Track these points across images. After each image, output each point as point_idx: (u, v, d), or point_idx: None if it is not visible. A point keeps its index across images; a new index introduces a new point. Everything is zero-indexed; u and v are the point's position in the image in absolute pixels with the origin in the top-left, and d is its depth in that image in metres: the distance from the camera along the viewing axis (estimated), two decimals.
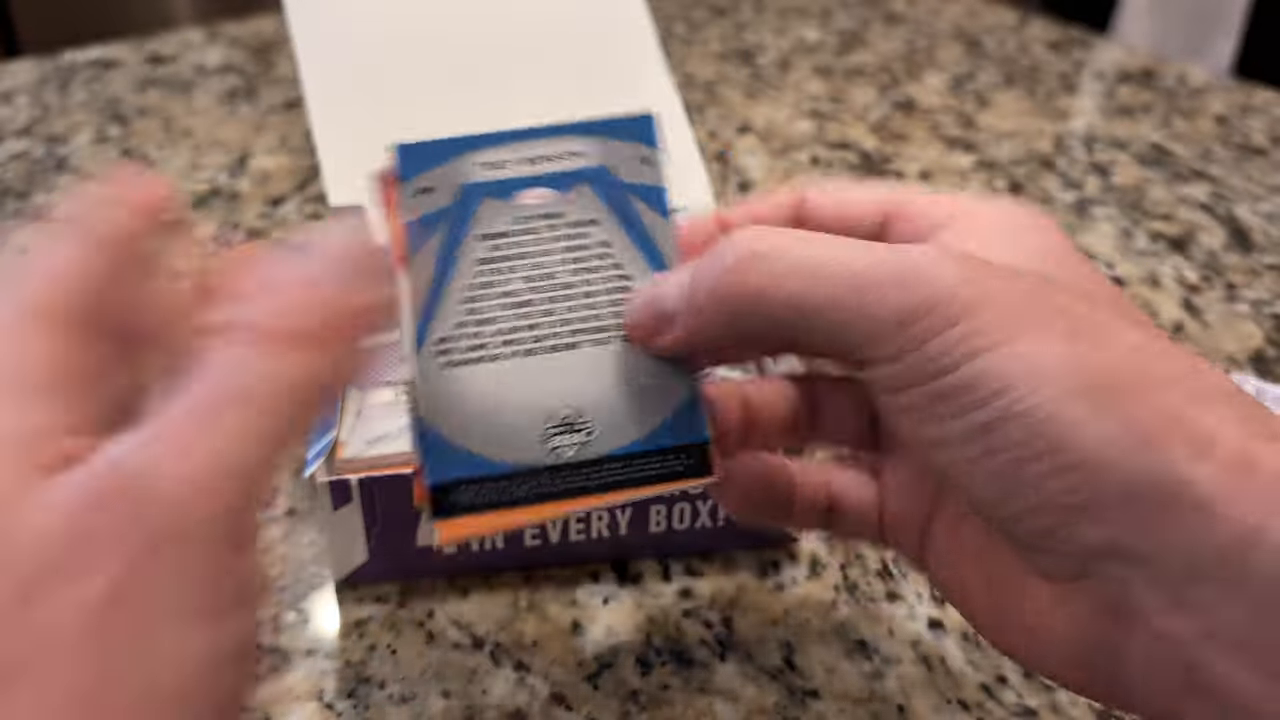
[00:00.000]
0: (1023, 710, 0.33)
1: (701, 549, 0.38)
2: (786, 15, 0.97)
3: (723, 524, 0.38)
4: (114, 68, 0.81)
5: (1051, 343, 0.21)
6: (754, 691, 0.34)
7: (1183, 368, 0.21)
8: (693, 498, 0.37)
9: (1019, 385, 0.20)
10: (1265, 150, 0.72)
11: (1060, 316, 0.21)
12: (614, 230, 0.27)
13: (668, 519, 0.37)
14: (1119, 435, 0.20)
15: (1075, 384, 0.20)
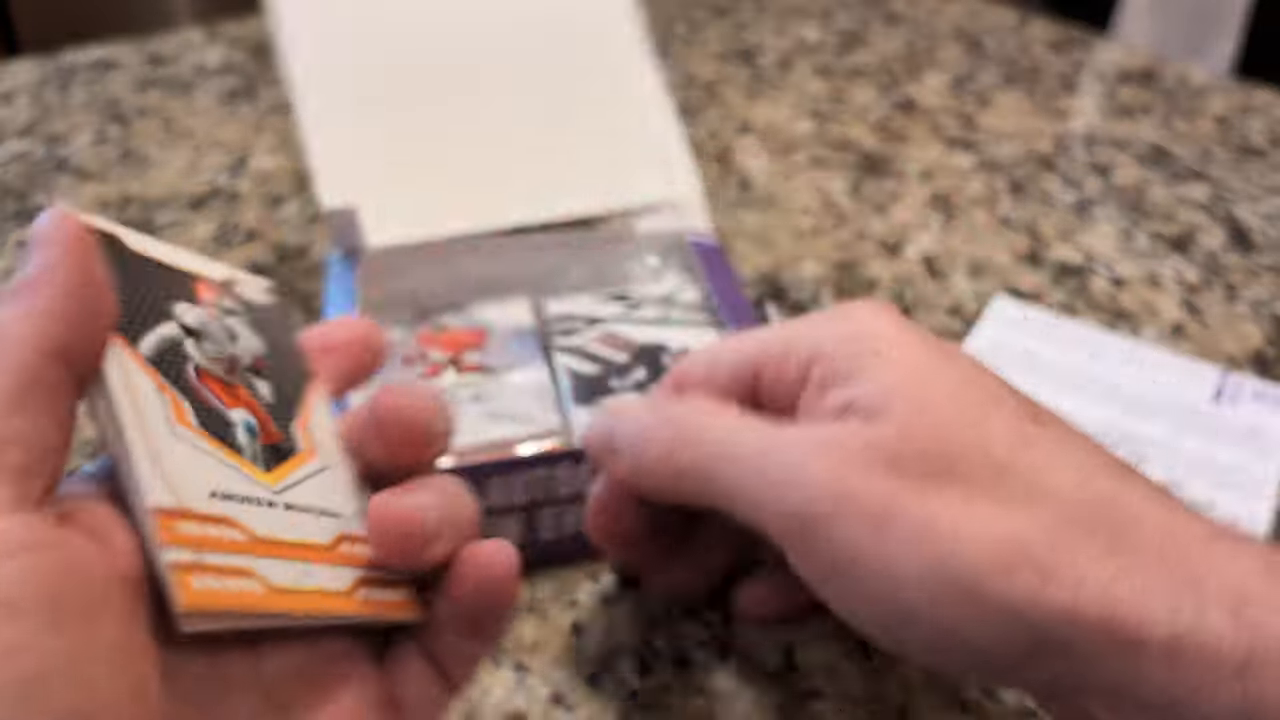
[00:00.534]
0: (1023, 711, 0.33)
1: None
2: (786, 15, 0.97)
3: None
4: (114, 68, 0.81)
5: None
6: (754, 692, 0.34)
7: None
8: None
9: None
10: (1265, 151, 0.72)
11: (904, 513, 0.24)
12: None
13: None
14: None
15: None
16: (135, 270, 0.26)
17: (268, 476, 0.26)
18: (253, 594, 0.23)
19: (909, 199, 0.65)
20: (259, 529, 0.24)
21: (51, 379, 0.21)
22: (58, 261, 0.21)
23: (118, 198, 0.63)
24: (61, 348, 0.21)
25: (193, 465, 0.24)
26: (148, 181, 0.65)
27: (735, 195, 0.65)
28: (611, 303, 0.47)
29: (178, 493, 0.23)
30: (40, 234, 0.22)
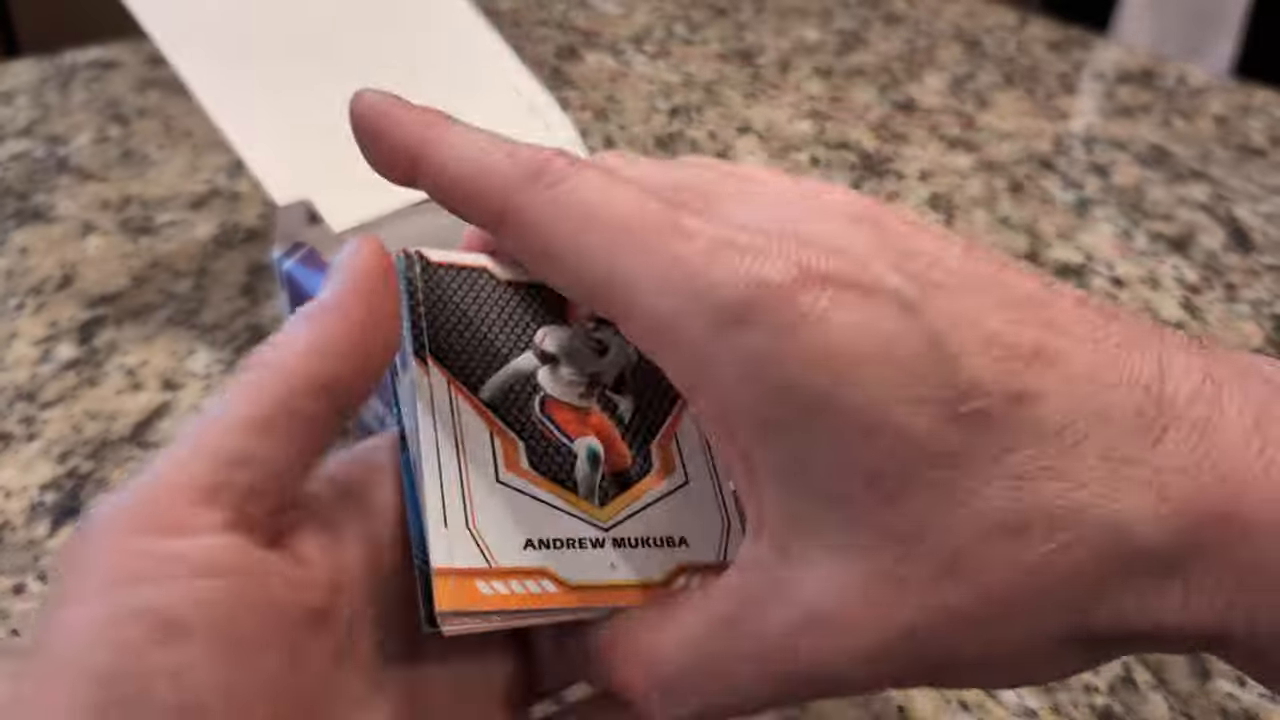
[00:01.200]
0: (1023, 711, 0.33)
1: None
2: (786, 15, 0.97)
3: None
4: (114, 68, 0.81)
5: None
6: None
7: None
8: None
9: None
10: (1265, 150, 0.72)
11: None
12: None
13: None
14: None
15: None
16: (499, 300, 0.26)
17: (603, 512, 0.25)
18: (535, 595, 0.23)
19: (909, 199, 0.65)
20: (574, 577, 0.24)
21: (307, 411, 0.21)
22: (342, 296, 0.22)
23: (118, 198, 0.63)
24: (326, 383, 0.21)
25: (511, 516, 0.24)
26: (148, 181, 0.65)
27: None
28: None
29: (489, 549, 0.23)
30: (338, 264, 0.23)
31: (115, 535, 0.19)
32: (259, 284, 0.54)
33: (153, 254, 0.57)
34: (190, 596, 0.18)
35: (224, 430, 0.20)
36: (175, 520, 0.19)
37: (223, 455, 0.19)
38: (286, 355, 0.21)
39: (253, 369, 0.21)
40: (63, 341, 0.50)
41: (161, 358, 0.49)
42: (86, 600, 0.18)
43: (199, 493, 0.19)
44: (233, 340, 0.50)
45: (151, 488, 0.19)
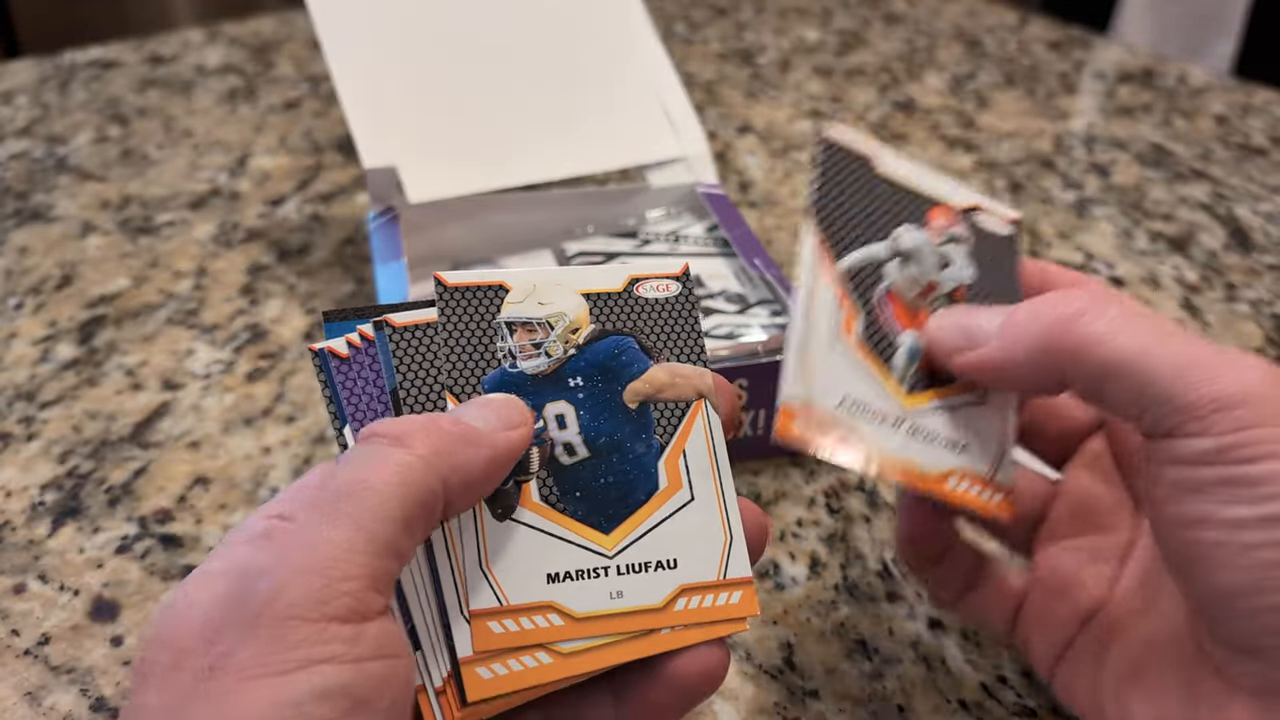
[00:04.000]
0: (1023, 710, 0.33)
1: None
2: (786, 15, 0.97)
3: None
4: (114, 68, 0.81)
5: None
6: (754, 691, 0.34)
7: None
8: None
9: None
10: (1265, 150, 0.72)
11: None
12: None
13: None
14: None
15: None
16: (874, 191, 0.30)
17: (909, 399, 0.29)
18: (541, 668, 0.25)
19: None
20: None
21: (434, 520, 0.23)
22: (494, 438, 0.24)
23: (118, 197, 0.63)
24: (451, 502, 0.23)
25: (836, 371, 0.28)
26: (148, 181, 0.65)
27: (735, 195, 0.65)
28: (623, 239, 0.51)
29: (810, 391, 0.27)
30: (495, 402, 0.25)
31: (299, 616, 0.20)
32: (259, 284, 0.54)
33: (153, 254, 0.57)
34: (374, 676, 0.20)
35: (384, 523, 0.21)
36: (354, 606, 0.20)
37: (384, 546, 0.21)
38: (436, 461, 0.23)
39: (404, 451, 0.22)
40: (62, 341, 0.50)
41: (161, 358, 0.49)
42: (271, 679, 0.19)
43: (370, 580, 0.21)
44: (232, 340, 0.50)
45: (328, 574, 0.20)
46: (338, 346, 0.26)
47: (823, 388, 0.27)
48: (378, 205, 0.49)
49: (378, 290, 0.44)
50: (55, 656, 0.34)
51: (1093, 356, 0.25)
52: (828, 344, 0.28)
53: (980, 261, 0.31)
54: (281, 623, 0.20)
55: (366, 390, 0.26)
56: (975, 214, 0.31)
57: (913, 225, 0.30)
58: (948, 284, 0.30)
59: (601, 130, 0.54)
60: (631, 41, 0.56)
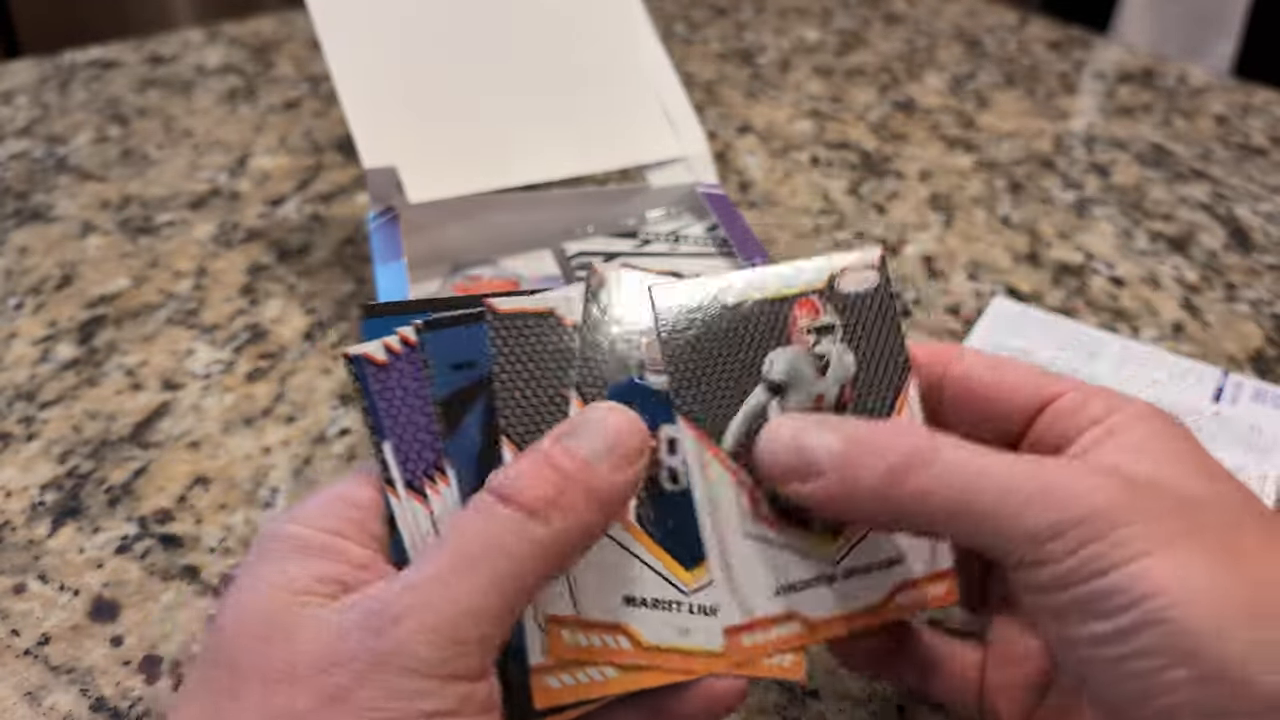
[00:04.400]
0: None
1: None
2: (786, 15, 0.97)
3: None
4: (114, 68, 0.81)
5: (1198, 558, 0.22)
6: (754, 691, 0.34)
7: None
8: None
9: (1165, 593, 0.21)
10: (1265, 150, 0.72)
11: (1207, 535, 0.22)
12: None
13: None
14: (1266, 655, 0.21)
15: (1221, 599, 0.21)
16: (726, 334, 0.26)
17: (831, 544, 0.26)
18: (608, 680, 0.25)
19: (909, 199, 0.65)
20: (816, 614, 0.26)
21: (528, 597, 0.23)
22: (616, 476, 0.24)
23: (118, 198, 0.63)
24: (579, 552, 0.24)
25: (763, 564, 0.26)
26: (148, 181, 0.65)
27: (735, 195, 0.65)
28: (623, 239, 0.51)
29: (746, 603, 0.25)
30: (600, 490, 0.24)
31: (422, 670, 0.21)
32: (259, 284, 0.54)
33: (153, 254, 0.57)
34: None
35: (516, 593, 0.22)
36: (472, 666, 0.22)
37: (509, 615, 0.22)
38: (570, 536, 0.23)
39: (539, 524, 0.23)
40: (62, 341, 0.50)
41: (161, 357, 0.49)
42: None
43: (482, 645, 0.22)
44: (232, 340, 0.50)
45: (457, 637, 0.22)
46: (374, 352, 0.25)
47: (754, 590, 0.26)
48: (378, 205, 0.49)
49: (378, 290, 0.44)
50: (55, 656, 0.34)
51: (930, 504, 0.24)
52: (744, 539, 0.26)
53: (857, 339, 0.27)
54: (405, 674, 0.21)
55: (407, 401, 0.25)
56: (836, 283, 0.28)
57: (777, 345, 0.27)
58: (832, 389, 0.27)
59: (601, 130, 0.54)
60: (631, 41, 0.56)
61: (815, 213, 0.63)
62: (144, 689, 0.34)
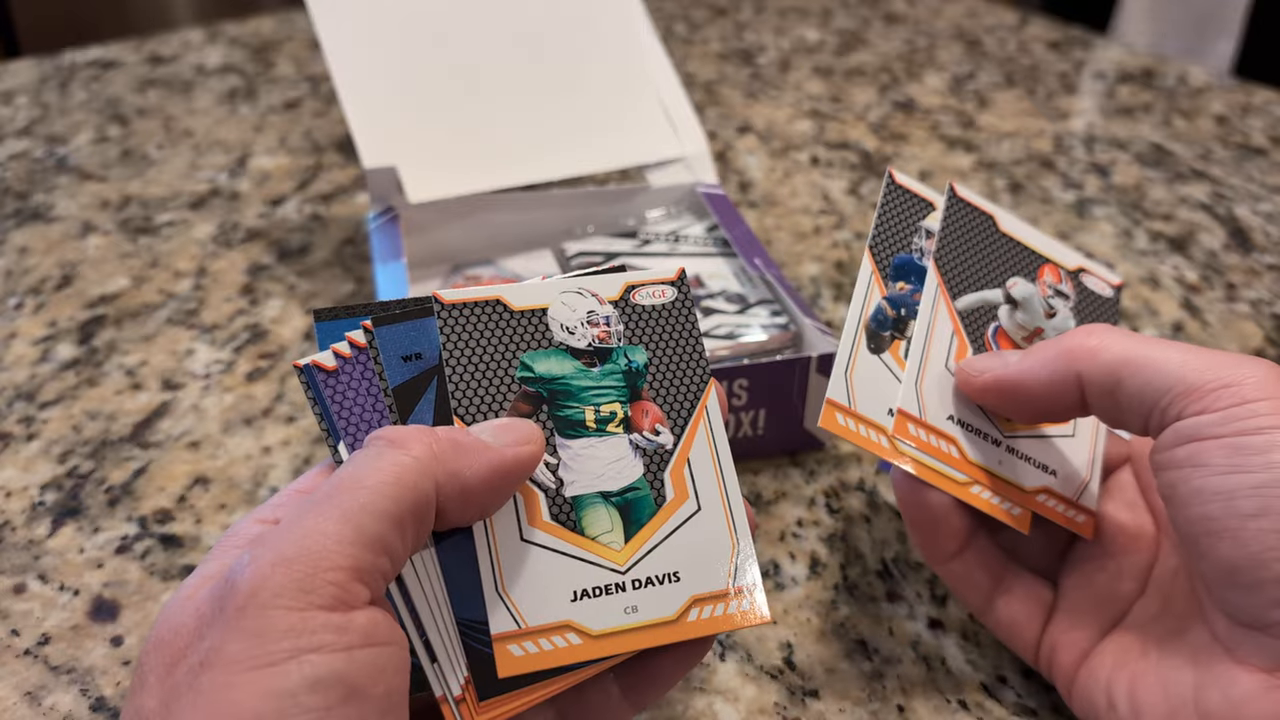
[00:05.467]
0: (1022, 710, 0.33)
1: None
2: (786, 15, 0.97)
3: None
4: (114, 68, 0.81)
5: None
6: (754, 691, 0.34)
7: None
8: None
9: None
10: (1265, 150, 0.72)
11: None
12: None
13: None
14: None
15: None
16: (994, 245, 0.34)
17: (1009, 426, 0.32)
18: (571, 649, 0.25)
19: None
20: (972, 455, 0.31)
21: (427, 521, 0.23)
22: (500, 454, 0.24)
23: (118, 197, 0.63)
24: (447, 505, 0.23)
25: (948, 393, 0.32)
26: (148, 181, 0.65)
27: (735, 195, 0.65)
28: (623, 240, 0.51)
29: (922, 407, 0.31)
30: (508, 424, 0.25)
31: (283, 605, 0.20)
32: (259, 284, 0.54)
33: (153, 254, 0.57)
34: (366, 664, 0.20)
35: (373, 517, 0.22)
36: (340, 595, 0.21)
37: (372, 540, 0.21)
38: (431, 465, 0.23)
39: (401, 451, 0.23)
40: (62, 341, 0.50)
41: (161, 357, 0.49)
42: (261, 671, 0.19)
43: (355, 571, 0.21)
44: (232, 340, 0.50)
45: (312, 561, 0.21)
46: (323, 359, 0.26)
47: (934, 404, 0.31)
48: (378, 205, 0.49)
49: (377, 290, 0.44)
50: (55, 656, 0.34)
51: (1104, 358, 0.27)
52: (942, 368, 0.32)
53: (1081, 318, 0.34)
54: (266, 612, 0.20)
55: (359, 401, 0.26)
56: (1082, 275, 0.35)
57: (1024, 278, 0.34)
58: (1051, 334, 0.33)
59: (601, 130, 0.54)
60: (631, 42, 0.56)
61: (815, 213, 0.63)
62: None
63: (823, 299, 0.55)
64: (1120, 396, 0.28)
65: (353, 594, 0.21)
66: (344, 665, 0.20)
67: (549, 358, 0.27)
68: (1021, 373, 0.30)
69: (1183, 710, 0.26)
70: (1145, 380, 0.27)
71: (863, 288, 0.32)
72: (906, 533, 0.35)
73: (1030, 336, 0.33)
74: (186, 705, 0.19)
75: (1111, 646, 0.29)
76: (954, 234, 0.34)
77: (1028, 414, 0.31)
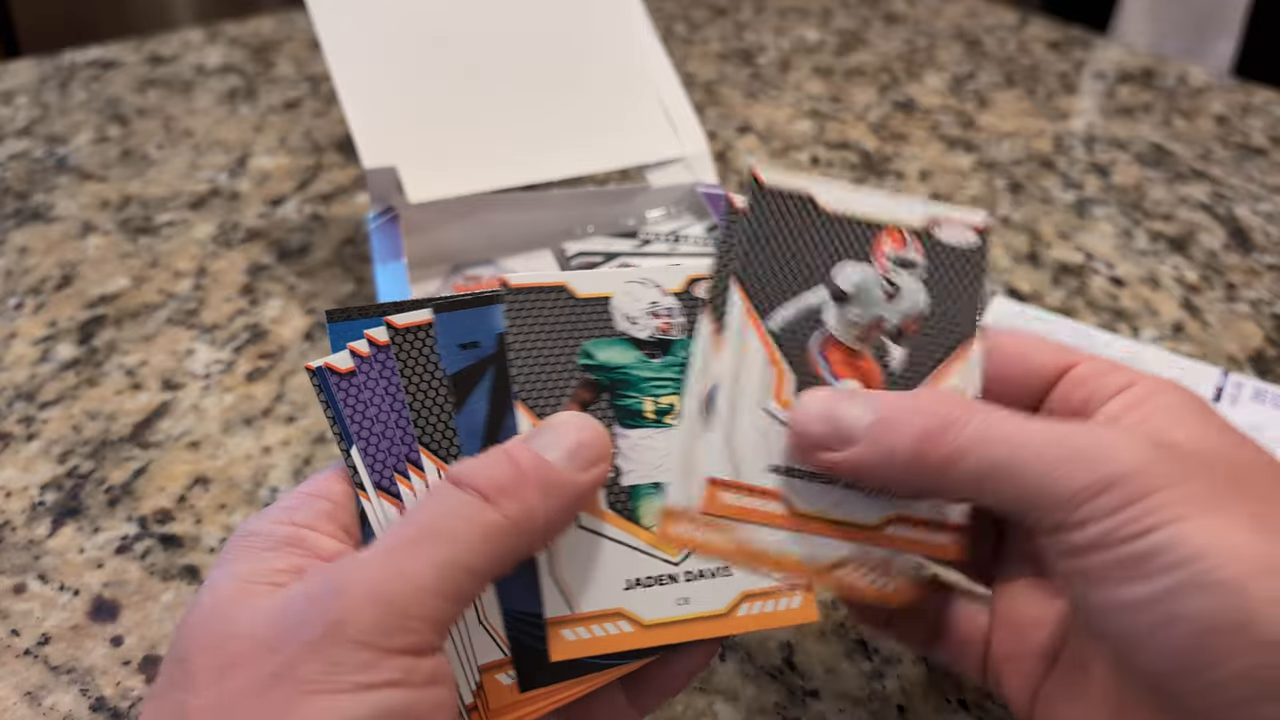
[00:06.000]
0: None
1: None
2: (786, 15, 0.97)
3: None
4: (114, 68, 0.81)
5: (1242, 521, 0.21)
6: (754, 691, 0.34)
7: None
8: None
9: (1211, 555, 0.21)
10: (1265, 150, 0.72)
11: (1246, 499, 0.22)
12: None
13: None
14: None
15: (1269, 563, 0.20)
16: (814, 230, 0.28)
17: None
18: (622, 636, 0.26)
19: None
20: (800, 505, 0.27)
21: (512, 566, 0.23)
22: (546, 521, 0.24)
23: (118, 197, 0.63)
24: (534, 546, 0.24)
25: (758, 444, 0.27)
26: (148, 181, 0.65)
27: (735, 194, 0.65)
28: (623, 240, 0.51)
29: (737, 466, 0.26)
30: (560, 486, 0.24)
31: (366, 643, 0.21)
32: (259, 284, 0.54)
33: (153, 254, 0.57)
34: (430, 702, 0.22)
35: (466, 574, 0.22)
36: (417, 644, 0.21)
37: (457, 594, 0.22)
38: (524, 525, 0.23)
39: (492, 510, 0.23)
40: (62, 341, 0.50)
41: (161, 358, 0.49)
42: (333, 695, 0.20)
43: (438, 624, 0.22)
44: (232, 340, 0.50)
45: (403, 610, 0.21)
46: (336, 361, 0.26)
47: (749, 457, 0.26)
48: (378, 205, 0.49)
49: (377, 290, 0.44)
50: (55, 656, 0.34)
51: (964, 467, 0.24)
52: (758, 405, 0.26)
53: (937, 284, 0.28)
54: (348, 646, 0.21)
55: (373, 403, 0.25)
56: (934, 229, 0.28)
57: (854, 260, 0.28)
58: (894, 318, 0.28)
59: (601, 130, 0.54)
60: (631, 42, 0.56)
61: None
62: (144, 689, 0.34)
63: None
64: (988, 504, 0.24)
65: (429, 642, 0.22)
66: (412, 701, 0.21)
67: (611, 346, 0.27)
68: (876, 464, 0.25)
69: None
70: (1010, 494, 0.23)
71: (735, 332, 0.27)
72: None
73: (868, 333, 0.27)
74: (248, 713, 0.20)
75: (1063, 684, 0.27)
76: (761, 235, 0.28)
77: (871, 486, 0.27)
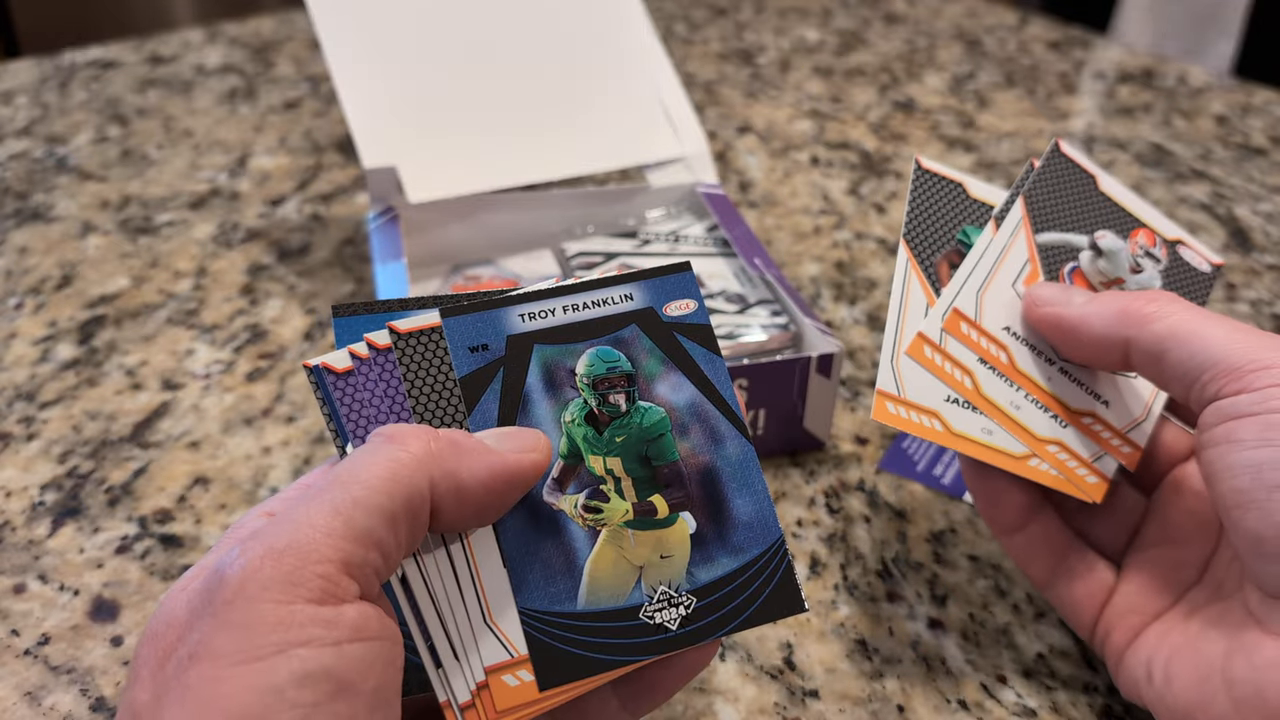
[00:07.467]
0: (1023, 710, 0.33)
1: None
2: (786, 15, 0.97)
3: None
4: (114, 68, 0.81)
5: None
6: (754, 691, 0.34)
7: None
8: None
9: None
10: (1265, 150, 0.72)
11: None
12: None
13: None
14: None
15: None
16: (1089, 201, 0.35)
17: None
18: (934, 431, 0.31)
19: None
20: (1019, 363, 0.32)
21: (422, 518, 0.23)
22: (504, 457, 0.24)
23: (118, 197, 0.63)
24: (444, 505, 0.23)
25: (1012, 308, 0.33)
26: (148, 181, 0.65)
27: (735, 195, 0.65)
28: (623, 239, 0.51)
29: (980, 315, 0.32)
30: (513, 432, 0.25)
31: (270, 599, 0.20)
32: (259, 284, 0.54)
33: (153, 254, 0.57)
34: (356, 659, 0.20)
35: (364, 511, 0.21)
36: (328, 588, 0.20)
37: (362, 534, 0.21)
38: (428, 462, 0.23)
39: (397, 447, 0.23)
40: (62, 341, 0.50)
41: (161, 358, 0.49)
42: (249, 665, 0.19)
43: (344, 565, 0.21)
44: (232, 340, 0.50)
45: (301, 554, 0.20)
46: (334, 361, 0.26)
47: (993, 312, 0.32)
48: (378, 205, 0.49)
49: (377, 290, 0.44)
50: (55, 656, 0.34)
51: (1154, 328, 0.29)
52: (1010, 283, 0.33)
53: (1169, 285, 0.34)
54: (254, 606, 0.20)
55: (371, 402, 0.25)
56: (1179, 246, 0.35)
57: (1115, 232, 0.34)
58: (1132, 287, 0.33)
59: (601, 130, 0.54)
60: (631, 41, 0.56)
61: (815, 213, 0.63)
62: None
63: (823, 299, 0.55)
64: (1164, 367, 0.29)
65: (341, 587, 0.21)
66: (333, 660, 0.20)
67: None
68: (1079, 318, 0.31)
69: (1211, 678, 0.27)
70: (1188, 356, 0.28)
71: (900, 277, 0.33)
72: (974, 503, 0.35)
73: (1109, 284, 0.34)
74: (174, 699, 0.19)
75: (1159, 626, 0.30)
76: (1048, 181, 0.34)
77: (1075, 358, 0.32)
